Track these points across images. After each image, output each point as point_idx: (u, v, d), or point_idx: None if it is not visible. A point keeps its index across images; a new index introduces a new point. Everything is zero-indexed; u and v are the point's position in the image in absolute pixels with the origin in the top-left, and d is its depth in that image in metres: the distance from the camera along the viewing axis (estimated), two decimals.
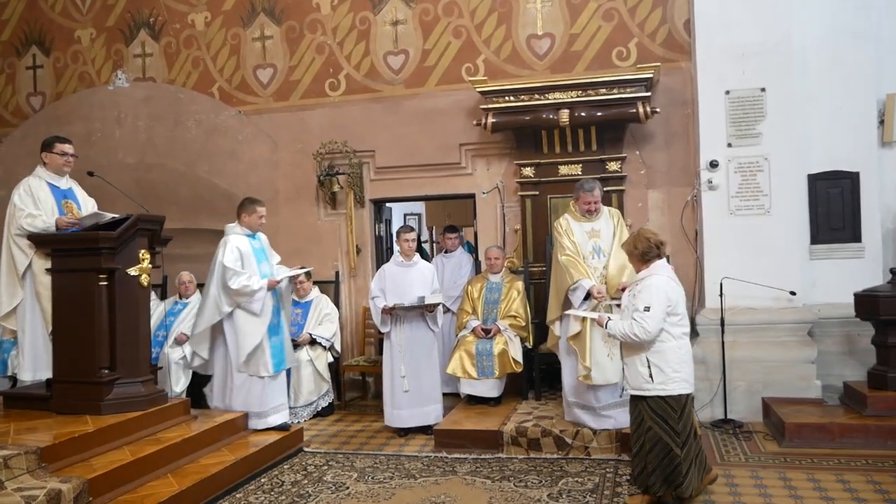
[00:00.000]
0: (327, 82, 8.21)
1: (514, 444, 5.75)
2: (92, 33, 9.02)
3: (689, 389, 4.41)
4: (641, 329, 4.29)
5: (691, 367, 4.46)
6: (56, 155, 5.55)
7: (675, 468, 4.31)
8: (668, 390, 4.33)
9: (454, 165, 7.85)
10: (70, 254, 5.21)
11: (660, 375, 4.33)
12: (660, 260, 4.51)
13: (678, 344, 4.39)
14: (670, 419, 4.33)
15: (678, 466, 4.30)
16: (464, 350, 6.68)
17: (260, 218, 6.16)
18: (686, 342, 4.46)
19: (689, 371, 4.42)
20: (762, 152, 6.65)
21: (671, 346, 4.37)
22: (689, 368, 4.43)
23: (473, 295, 7.06)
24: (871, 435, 5.53)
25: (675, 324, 4.39)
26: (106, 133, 8.80)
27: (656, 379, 4.34)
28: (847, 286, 6.31)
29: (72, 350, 5.14)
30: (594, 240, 5.88)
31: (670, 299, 4.37)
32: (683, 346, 4.43)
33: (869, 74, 6.62)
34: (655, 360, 4.35)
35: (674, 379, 4.34)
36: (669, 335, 4.37)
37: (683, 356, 4.40)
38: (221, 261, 5.92)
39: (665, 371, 4.34)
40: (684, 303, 4.50)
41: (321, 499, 4.86)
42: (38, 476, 4.19)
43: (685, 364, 4.40)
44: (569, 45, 7.54)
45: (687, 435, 4.35)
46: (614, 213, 6.08)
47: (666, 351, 4.35)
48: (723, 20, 6.69)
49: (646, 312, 4.30)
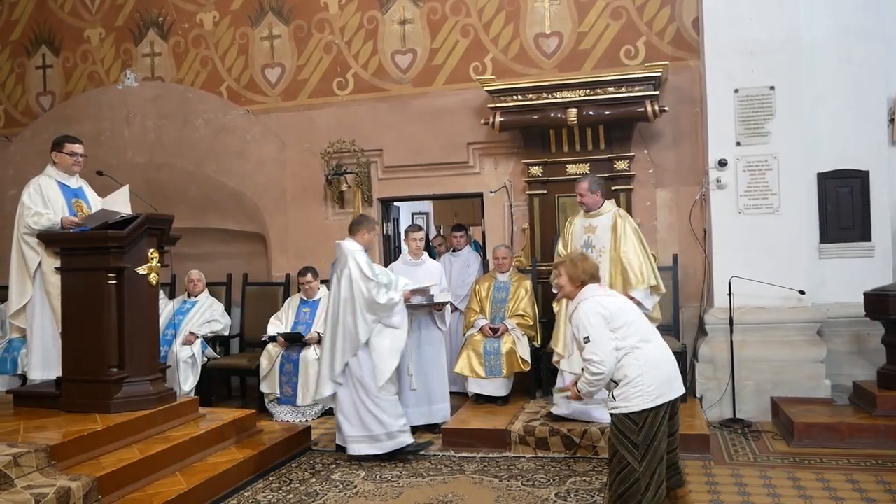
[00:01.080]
0: (335, 81, 8.22)
1: (521, 444, 5.75)
2: (101, 33, 9.06)
3: (652, 403, 3.86)
4: (594, 366, 3.88)
5: (659, 375, 3.91)
6: (65, 155, 5.57)
7: (631, 484, 3.85)
8: (630, 406, 3.87)
9: (462, 164, 7.85)
10: (79, 253, 5.23)
11: (619, 390, 3.92)
12: (590, 283, 4.16)
13: (635, 355, 3.91)
14: (630, 432, 3.87)
15: (636, 483, 3.84)
16: (471, 349, 6.68)
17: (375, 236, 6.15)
18: (644, 350, 3.94)
19: (654, 381, 3.88)
20: (771, 151, 6.62)
21: (628, 360, 3.90)
22: (653, 378, 3.88)
23: (481, 294, 7.06)
24: (881, 435, 5.51)
25: (624, 336, 3.94)
26: (115, 132, 8.84)
27: (618, 397, 3.91)
28: (856, 285, 6.29)
29: (81, 349, 5.15)
30: (588, 234, 6.02)
31: (604, 316, 3.96)
32: (642, 356, 3.91)
33: (879, 73, 6.59)
34: (616, 377, 3.93)
35: (635, 394, 3.86)
36: (622, 350, 3.92)
37: (643, 366, 3.89)
38: (364, 274, 5.62)
39: (625, 387, 3.89)
40: (628, 310, 4.10)
41: (329, 497, 4.87)
42: (47, 474, 4.21)
43: (647, 375, 3.87)
44: (577, 43, 7.53)
45: (647, 447, 3.86)
46: (620, 212, 6.09)
47: (624, 366, 3.90)
48: (731, 18, 6.67)
49: (588, 345, 3.91)
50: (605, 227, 5.99)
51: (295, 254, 8.27)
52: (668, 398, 3.92)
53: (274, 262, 8.39)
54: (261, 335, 7.42)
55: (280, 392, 7.03)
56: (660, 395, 3.88)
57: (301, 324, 7.32)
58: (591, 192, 6.05)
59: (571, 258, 4.34)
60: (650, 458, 3.86)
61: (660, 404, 3.87)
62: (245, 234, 8.72)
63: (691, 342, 7.01)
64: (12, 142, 9.29)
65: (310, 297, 7.45)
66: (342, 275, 5.69)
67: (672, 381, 3.98)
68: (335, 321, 5.70)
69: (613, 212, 6.05)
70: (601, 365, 3.86)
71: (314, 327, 7.24)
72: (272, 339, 7.22)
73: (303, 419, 6.93)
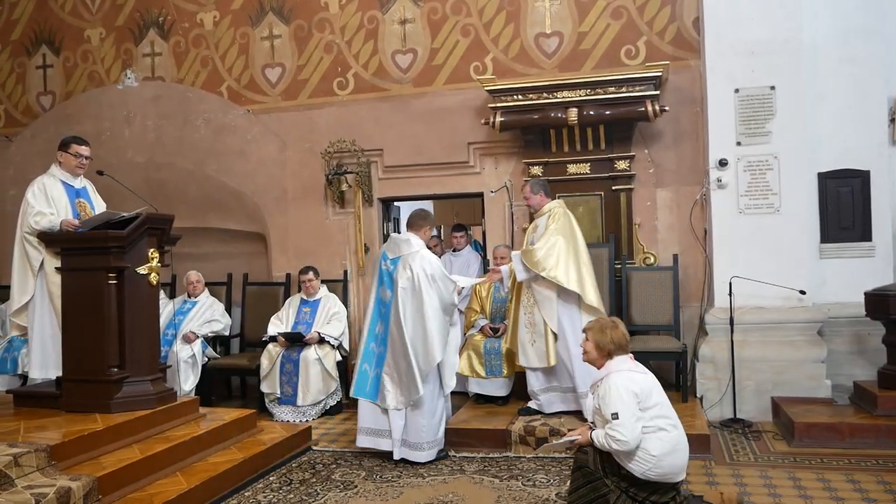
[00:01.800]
0: (335, 81, 8.22)
1: (522, 443, 5.75)
2: (101, 33, 9.05)
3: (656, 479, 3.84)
4: (617, 442, 3.78)
5: (676, 462, 3.87)
6: (70, 155, 5.59)
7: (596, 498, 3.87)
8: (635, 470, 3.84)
9: (462, 164, 7.85)
10: (79, 252, 5.23)
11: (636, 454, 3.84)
12: (620, 356, 4.03)
13: (660, 436, 3.84)
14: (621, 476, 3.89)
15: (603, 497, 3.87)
16: (472, 349, 6.69)
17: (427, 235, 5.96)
18: (671, 434, 3.88)
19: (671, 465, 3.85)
20: (772, 151, 6.62)
21: (653, 438, 3.83)
22: (670, 463, 3.84)
23: (482, 294, 7.06)
24: (882, 435, 5.51)
25: (653, 417, 3.86)
26: (115, 132, 8.84)
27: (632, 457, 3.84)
28: (857, 285, 6.29)
29: (81, 348, 5.16)
30: (532, 234, 6.21)
31: (636, 394, 3.85)
32: (670, 439, 3.86)
33: (880, 72, 6.59)
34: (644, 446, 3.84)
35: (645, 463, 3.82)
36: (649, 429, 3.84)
37: (665, 447, 3.83)
38: (444, 273, 5.54)
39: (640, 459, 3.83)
40: (659, 389, 3.97)
41: (329, 497, 4.86)
42: (47, 474, 4.21)
43: (668, 458, 3.83)
44: (577, 43, 7.52)
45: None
46: (555, 211, 6.13)
47: (647, 440, 3.83)
48: (732, 18, 6.66)
49: (615, 421, 3.79)
50: (542, 226, 6.12)
51: (295, 254, 8.26)
52: (671, 480, 3.89)
53: (274, 261, 8.39)
54: (261, 335, 7.43)
55: (280, 392, 7.03)
56: (664, 475, 3.85)
57: (301, 323, 7.33)
58: (533, 193, 6.24)
59: (601, 325, 4.13)
60: None
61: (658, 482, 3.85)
62: (245, 234, 8.72)
63: (692, 342, 7.01)
64: (13, 142, 9.29)
65: (310, 296, 7.46)
66: (403, 275, 5.48)
67: (683, 468, 3.95)
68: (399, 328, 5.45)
69: (549, 212, 6.13)
70: (626, 444, 3.77)
71: (314, 327, 7.25)
72: (272, 339, 7.22)
73: (303, 419, 6.93)
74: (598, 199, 7.27)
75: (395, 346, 5.52)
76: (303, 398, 6.97)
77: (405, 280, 5.50)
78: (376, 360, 5.65)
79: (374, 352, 5.68)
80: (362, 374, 5.68)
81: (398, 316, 5.48)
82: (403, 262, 5.56)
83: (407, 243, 5.62)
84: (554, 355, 5.94)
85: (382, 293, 5.69)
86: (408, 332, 5.43)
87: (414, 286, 5.47)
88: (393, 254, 5.67)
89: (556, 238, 5.92)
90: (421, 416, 5.50)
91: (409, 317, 5.46)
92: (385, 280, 5.66)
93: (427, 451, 5.51)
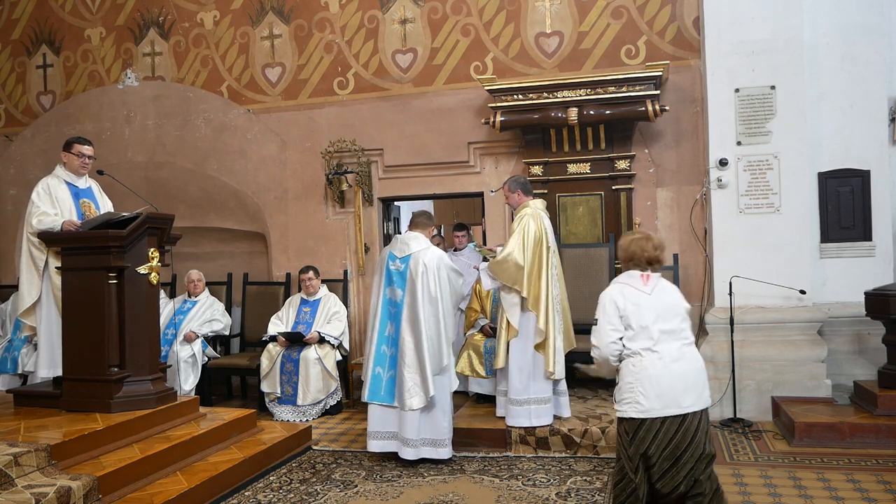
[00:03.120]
0: (336, 81, 8.22)
1: (522, 443, 5.74)
2: (101, 32, 9.06)
3: (641, 415, 3.67)
4: (593, 349, 3.82)
5: (653, 389, 3.65)
6: (73, 155, 5.61)
7: (629, 494, 3.74)
8: (621, 411, 3.76)
9: (462, 164, 7.85)
10: (80, 252, 5.24)
11: (617, 392, 3.81)
12: (631, 269, 3.91)
13: (633, 361, 3.73)
14: (623, 439, 3.78)
15: (633, 493, 3.72)
16: (472, 349, 6.68)
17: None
18: (644, 359, 3.70)
19: (646, 393, 3.66)
20: (772, 150, 6.62)
21: (626, 364, 3.77)
22: (646, 390, 3.66)
23: (482, 294, 7.05)
24: (882, 434, 5.51)
25: (630, 338, 3.75)
26: (116, 132, 8.84)
27: (616, 396, 3.82)
28: (857, 285, 6.30)
29: (81, 348, 5.17)
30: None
31: (618, 307, 3.77)
32: (640, 364, 3.70)
33: (880, 72, 6.59)
34: (621, 373, 3.81)
35: (625, 400, 3.73)
36: (627, 350, 3.77)
37: (637, 374, 3.69)
38: (454, 268, 5.64)
39: (618, 391, 3.79)
40: (651, 310, 3.76)
41: (329, 497, 4.86)
42: (48, 473, 4.21)
43: (640, 385, 3.67)
44: (577, 43, 7.52)
45: (637, 464, 3.71)
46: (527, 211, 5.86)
47: (622, 368, 3.79)
48: (732, 17, 6.67)
49: (593, 327, 3.82)
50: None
51: (295, 253, 8.27)
52: (662, 414, 3.64)
53: (274, 261, 8.40)
54: (261, 334, 7.43)
55: (280, 392, 7.03)
56: (650, 408, 3.65)
57: (301, 323, 7.33)
58: (511, 192, 6.02)
59: (632, 237, 3.98)
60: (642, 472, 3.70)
61: (652, 418, 3.65)
62: (246, 234, 8.73)
63: None
64: (13, 141, 9.29)
65: (310, 295, 7.46)
66: (418, 270, 5.47)
67: (677, 397, 3.65)
68: (415, 327, 5.45)
69: (520, 216, 5.87)
70: (596, 350, 3.82)
71: (315, 327, 7.25)
72: (273, 339, 7.22)
73: (303, 419, 6.93)
74: (599, 199, 7.28)
75: (408, 346, 5.48)
76: (303, 398, 6.97)
77: (420, 275, 5.48)
78: (389, 362, 5.60)
79: (387, 354, 5.61)
80: (375, 378, 5.58)
81: (414, 313, 5.46)
82: (415, 259, 5.54)
83: (417, 240, 5.61)
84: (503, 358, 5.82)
85: (391, 294, 5.63)
86: (424, 329, 5.42)
87: (430, 280, 5.47)
88: (402, 252, 5.63)
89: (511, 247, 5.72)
90: (441, 414, 5.50)
91: (426, 311, 5.45)
92: (395, 280, 5.61)
93: (448, 447, 5.53)
